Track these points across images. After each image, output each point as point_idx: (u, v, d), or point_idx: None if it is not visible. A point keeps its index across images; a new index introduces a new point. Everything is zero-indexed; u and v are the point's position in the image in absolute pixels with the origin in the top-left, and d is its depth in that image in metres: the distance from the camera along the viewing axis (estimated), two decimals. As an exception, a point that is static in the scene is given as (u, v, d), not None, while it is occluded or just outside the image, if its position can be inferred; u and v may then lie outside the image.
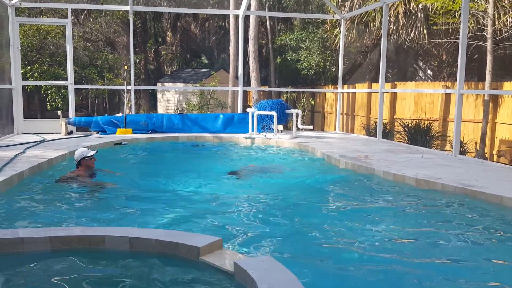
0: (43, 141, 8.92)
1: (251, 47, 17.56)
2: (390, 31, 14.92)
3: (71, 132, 10.52)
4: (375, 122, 12.37)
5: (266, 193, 5.71)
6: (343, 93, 13.87)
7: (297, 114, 10.67)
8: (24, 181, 5.70)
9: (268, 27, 22.94)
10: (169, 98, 22.80)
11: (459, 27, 8.67)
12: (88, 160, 6.07)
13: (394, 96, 14.52)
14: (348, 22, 16.10)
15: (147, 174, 7.12)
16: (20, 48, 10.84)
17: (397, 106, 14.51)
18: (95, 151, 6.24)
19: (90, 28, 19.22)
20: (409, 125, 12.49)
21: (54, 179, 5.93)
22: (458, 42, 8.34)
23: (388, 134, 12.93)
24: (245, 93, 21.50)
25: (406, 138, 12.33)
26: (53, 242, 3.18)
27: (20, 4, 10.64)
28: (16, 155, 6.91)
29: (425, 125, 12.20)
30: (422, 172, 6.13)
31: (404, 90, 14.08)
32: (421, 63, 19.88)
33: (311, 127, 11.48)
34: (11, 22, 10.39)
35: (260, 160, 8.38)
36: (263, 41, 24.81)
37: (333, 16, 13.48)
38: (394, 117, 14.32)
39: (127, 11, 11.78)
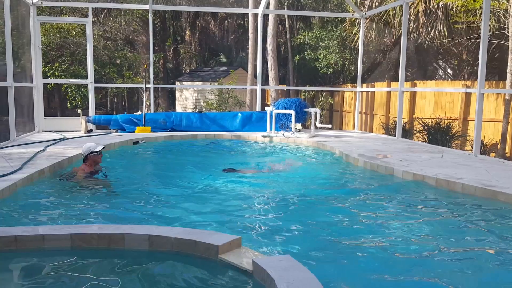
0: (63, 139, 9.03)
1: (269, 46, 17.54)
2: (410, 29, 14.76)
3: (90, 130, 10.64)
4: (394, 121, 12.24)
5: (284, 191, 5.70)
6: (362, 92, 13.76)
7: (316, 113, 10.62)
8: (45, 178, 5.78)
9: (287, 25, 22.90)
10: (188, 96, 22.91)
11: (480, 25, 8.52)
12: (95, 155, 6.04)
13: (413, 95, 14.36)
14: (367, 21, 15.97)
15: (164, 172, 7.16)
16: (41, 46, 10.99)
17: (417, 105, 14.34)
18: (102, 146, 6.19)
19: (110, 27, 19.41)
20: (429, 124, 12.34)
21: (59, 176, 5.95)
22: (479, 41, 8.21)
23: (407, 133, 12.80)
24: (263, 92, 21.50)
25: (425, 137, 12.19)
26: (73, 239, 3.21)
27: (41, 3, 10.80)
28: (36, 153, 7.01)
29: (445, 124, 12.04)
30: (442, 171, 6.05)
31: (425, 89, 13.91)
32: (441, 62, 19.62)
33: (329, 126, 11.41)
34: (32, 20, 10.53)
35: (278, 158, 8.36)
36: (282, 40, 24.78)
37: (352, 15, 13.40)
38: (414, 116, 14.17)
39: (147, 10, 11.86)
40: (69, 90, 16.58)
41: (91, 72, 11.13)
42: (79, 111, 11.34)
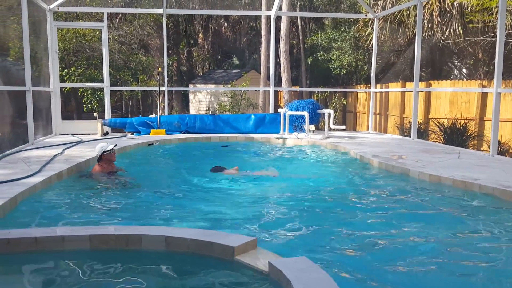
0: (80, 141, 9.15)
1: (282, 48, 17.56)
2: (425, 29, 14.66)
3: (107, 133, 10.76)
4: (409, 122, 12.17)
5: (298, 193, 5.70)
6: (376, 92, 13.70)
7: (329, 114, 10.61)
8: (63, 180, 5.86)
9: (299, 27, 22.88)
10: (201, 99, 23.02)
11: (496, 24, 8.44)
12: (108, 154, 6.24)
13: (428, 95, 14.26)
14: (381, 21, 15.90)
15: (177, 173, 7.20)
16: (58, 51, 11.14)
17: (432, 106, 14.24)
18: (114, 144, 6.39)
19: (125, 31, 19.60)
20: (445, 125, 12.24)
21: (78, 175, 6.21)
22: (495, 40, 8.13)
23: (422, 134, 12.71)
24: (276, 93, 21.49)
25: (441, 138, 12.10)
26: (92, 240, 3.26)
27: (58, 9, 10.94)
28: (55, 156, 7.11)
29: (461, 124, 11.94)
30: (458, 172, 6.00)
31: (440, 89, 13.80)
32: (456, 61, 19.45)
33: (343, 127, 11.39)
34: (49, 26, 10.69)
35: (293, 160, 8.37)
36: (294, 41, 24.76)
37: (365, 15, 13.35)
38: (429, 116, 14.06)
39: (161, 14, 11.96)
40: (85, 94, 16.78)
41: (106, 76, 11.25)
42: (95, 114, 11.47)
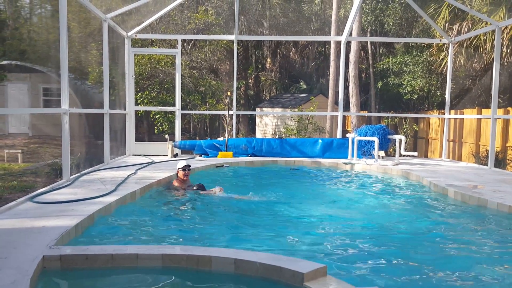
0: (152, 162, 9.46)
1: (351, 72, 17.42)
2: (503, 54, 14.02)
3: (176, 155, 11.07)
4: (486, 150, 11.56)
5: (368, 221, 5.55)
6: (450, 118, 13.18)
7: (400, 140, 10.32)
8: (136, 199, 6.07)
9: (369, 51, 22.63)
10: (267, 122, 23.22)
11: None
12: (180, 171, 6.91)
13: (506, 122, 13.53)
14: (456, 46, 15.40)
15: (244, 195, 7.22)
16: (134, 76, 11.67)
17: (510, 134, 13.48)
18: (185, 164, 7.00)
19: (196, 56, 20.25)
20: (525, 154, 11.54)
21: (162, 188, 6.80)
22: None
23: (500, 162, 12.03)
24: (344, 118, 21.26)
25: (521, 167, 11.40)
26: (164, 259, 3.33)
27: (136, 35, 11.52)
28: (128, 176, 7.40)
29: (543, 154, 11.20)
30: (543, 205, 5.60)
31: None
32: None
33: (415, 153, 11.00)
34: (127, 52, 11.25)
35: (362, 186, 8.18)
36: (363, 66, 24.50)
37: (440, 40, 12.96)
38: (507, 145, 13.31)
39: (231, 40, 12.25)
40: (157, 117, 17.43)
41: (178, 100, 11.63)
42: (166, 136, 11.85)
